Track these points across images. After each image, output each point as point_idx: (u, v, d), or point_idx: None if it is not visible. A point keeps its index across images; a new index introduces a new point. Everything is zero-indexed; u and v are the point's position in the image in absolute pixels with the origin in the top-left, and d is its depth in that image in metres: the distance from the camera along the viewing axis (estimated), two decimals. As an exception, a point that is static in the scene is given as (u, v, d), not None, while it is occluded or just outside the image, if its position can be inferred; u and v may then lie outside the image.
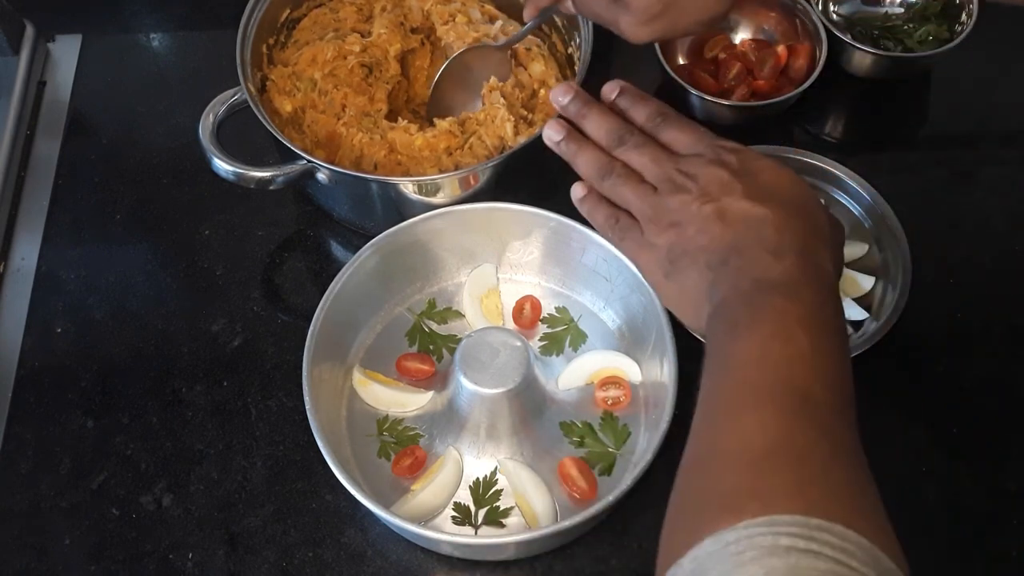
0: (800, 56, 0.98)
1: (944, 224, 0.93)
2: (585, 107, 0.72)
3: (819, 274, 0.61)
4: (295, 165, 0.84)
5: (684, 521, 0.53)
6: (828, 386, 0.55)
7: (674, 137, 0.69)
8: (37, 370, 0.88)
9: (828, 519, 0.47)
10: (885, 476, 0.80)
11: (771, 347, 0.56)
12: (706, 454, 0.55)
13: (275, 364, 0.87)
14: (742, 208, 0.63)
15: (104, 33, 1.09)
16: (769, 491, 0.50)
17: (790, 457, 0.51)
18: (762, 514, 0.47)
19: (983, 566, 0.77)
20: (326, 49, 0.93)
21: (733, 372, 0.57)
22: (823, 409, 0.54)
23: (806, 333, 0.56)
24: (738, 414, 0.55)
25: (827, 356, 0.56)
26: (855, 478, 0.52)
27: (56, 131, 1.01)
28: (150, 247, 0.95)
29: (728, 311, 0.60)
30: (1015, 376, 0.85)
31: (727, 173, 0.65)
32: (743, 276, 0.61)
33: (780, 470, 0.51)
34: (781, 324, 0.57)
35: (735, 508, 0.49)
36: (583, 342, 0.85)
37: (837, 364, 0.57)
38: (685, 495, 0.55)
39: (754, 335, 0.57)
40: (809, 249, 0.61)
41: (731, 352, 0.58)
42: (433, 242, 0.84)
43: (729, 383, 0.57)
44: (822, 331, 0.57)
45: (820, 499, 0.49)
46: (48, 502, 0.81)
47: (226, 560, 0.78)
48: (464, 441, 0.79)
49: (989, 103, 1.02)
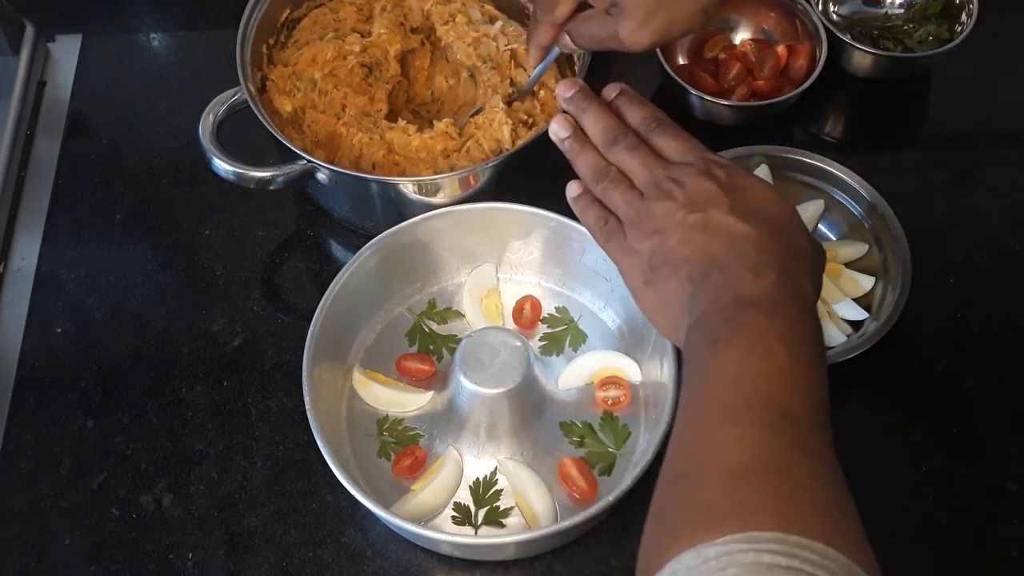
0: (800, 56, 0.98)
1: (944, 224, 0.93)
2: (585, 102, 0.72)
3: (798, 293, 0.61)
4: (295, 165, 0.84)
5: (662, 533, 0.53)
6: (807, 403, 0.55)
7: (666, 144, 0.69)
8: (37, 370, 0.88)
9: (808, 536, 0.47)
10: (885, 476, 0.81)
11: (751, 363, 0.56)
12: (686, 467, 0.55)
13: (275, 364, 0.87)
14: (726, 223, 0.63)
15: (104, 33, 1.09)
16: (749, 507, 0.50)
17: (769, 473, 0.51)
18: (742, 530, 0.47)
19: (983, 566, 0.77)
20: (326, 49, 0.93)
21: (713, 387, 0.57)
22: (802, 426, 0.54)
23: (785, 350, 0.57)
24: (718, 428, 0.55)
25: (806, 373, 0.57)
26: (834, 495, 0.52)
27: (56, 131, 1.01)
28: (150, 247, 0.95)
29: (708, 326, 0.60)
30: (1015, 376, 0.85)
31: (715, 186, 0.64)
32: (724, 291, 0.61)
33: (760, 486, 0.51)
34: (761, 340, 0.57)
35: (714, 523, 0.49)
36: (583, 342, 0.85)
37: (816, 382, 0.57)
38: (664, 507, 0.55)
39: (734, 351, 0.57)
40: (789, 269, 0.62)
41: (711, 367, 0.58)
42: (433, 242, 0.84)
43: (709, 397, 0.57)
44: (801, 348, 0.58)
45: (800, 516, 0.49)
46: (48, 502, 0.81)
47: (226, 560, 0.78)
48: (464, 441, 0.79)
49: (989, 103, 1.02)
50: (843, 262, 0.87)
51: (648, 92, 1.01)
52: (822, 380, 0.58)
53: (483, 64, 0.94)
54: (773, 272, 0.61)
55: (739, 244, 0.62)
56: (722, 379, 0.57)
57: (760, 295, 0.60)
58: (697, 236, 0.63)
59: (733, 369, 0.57)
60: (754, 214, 0.63)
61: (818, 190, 0.90)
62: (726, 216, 0.63)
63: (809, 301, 0.62)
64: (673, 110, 0.96)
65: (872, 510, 0.78)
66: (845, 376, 0.84)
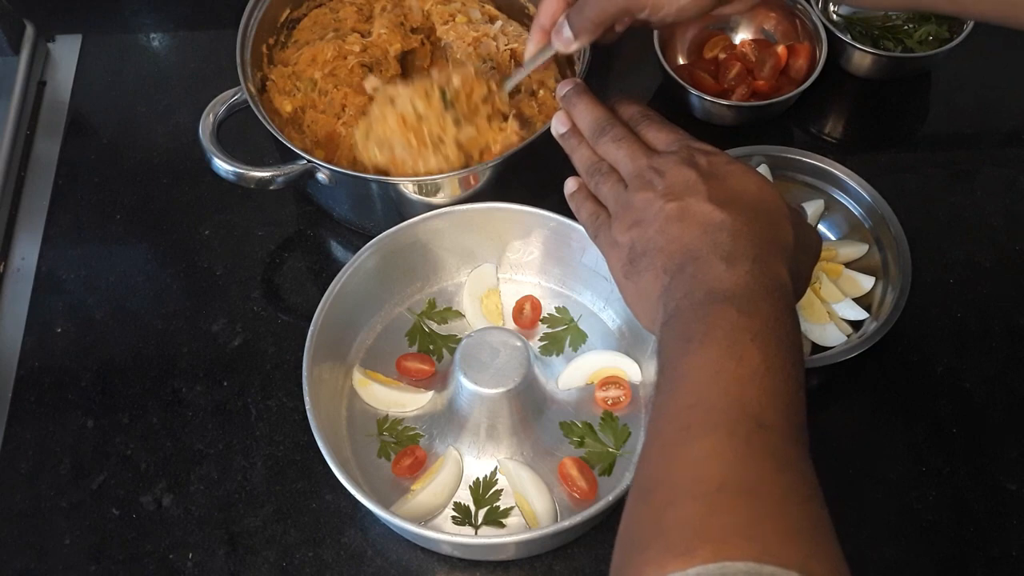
0: (800, 56, 0.98)
1: (944, 224, 0.93)
2: (576, 96, 0.72)
3: (775, 285, 0.59)
4: (295, 165, 0.84)
5: (633, 551, 0.51)
6: (782, 410, 0.53)
7: (653, 135, 0.69)
8: (37, 370, 0.88)
9: (783, 565, 0.45)
10: (885, 476, 0.81)
11: (724, 366, 0.55)
12: (655, 482, 0.53)
13: (275, 364, 0.87)
14: (703, 211, 0.61)
15: (104, 33, 1.09)
16: (720, 532, 0.48)
17: (742, 491, 0.50)
18: (714, 559, 0.46)
19: (983, 566, 0.77)
20: (326, 49, 0.93)
21: (685, 392, 0.55)
22: (776, 435, 0.52)
23: (760, 350, 0.55)
24: (689, 440, 0.53)
25: (781, 376, 0.55)
26: (810, 512, 0.50)
27: (56, 131, 1.01)
28: (150, 247, 0.95)
29: (681, 323, 0.59)
30: (1015, 376, 0.85)
31: (695, 174, 0.63)
32: (697, 285, 0.59)
33: (732, 508, 0.49)
34: (734, 340, 0.55)
35: (685, 550, 0.47)
36: (583, 342, 0.85)
37: (791, 385, 0.55)
38: (633, 524, 0.53)
39: (707, 351, 0.56)
40: (764, 257, 0.60)
41: (683, 370, 0.56)
42: (433, 242, 0.84)
43: (680, 403, 0.55)
44: (777, 348, 0.56)
45: (774, 541, 0.47)
46: (48, 502, 0.81)
47: (226, 560, 0.78)
48: (464, 441, 0.79)
49: (989, 103, 1.02)
50: (843, 262, 0.87)
51: (648, 92, 1.01)
52: (798, 382, 0.56)
53: (483, 64, 0.94)
54: (747, 261, 0.59)
55: (713, 232, 0.60)
56: (695, 383, 0.55)
57: (734, 288, 0.58)
58: (673, 226, 0.62)
59: (706, 372, 0.55)
60: (732, 201, 0.62)
61: (818, 190, 0.90)
62: (703, 204, 0.62)
63: (786, 292, 0.60)
64: (673, 110, 0.97)
65: (872, 510, 0.79)
66: (845, 376, 0.85)
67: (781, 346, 0.56)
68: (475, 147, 0.84)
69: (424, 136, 0.82)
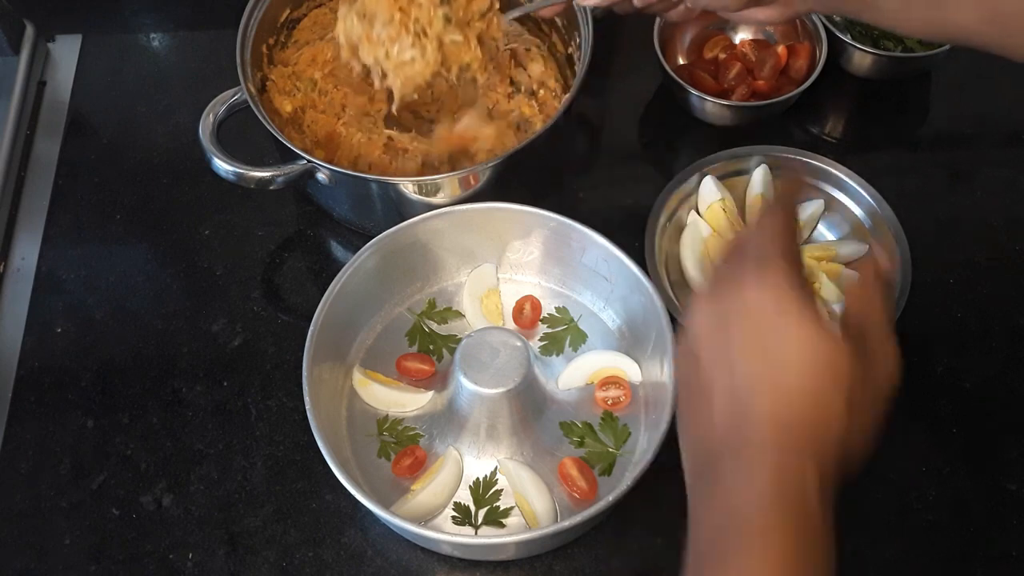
0: (800, 56, 0.98)
1: (944, 224, 0.93)
2: None
3: (798, 503, 0.50)
4: (295, 165, 0.84)
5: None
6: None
7: None
8: (37, 370, 0.88)
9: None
10: (885, 476, 0.81)
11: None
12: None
13: (275, 364, 0.87)
14: (728, 396, 0.53)
15: (104, 33, 1.09)
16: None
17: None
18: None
19: (983, 566, 0.77)
20: (326, 49, 0.93)
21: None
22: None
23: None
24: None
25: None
26: None
27: (56, 131, 1.01)
28: (150, 247, 0.95)
29: (699, 546, 0.52)
30: (1015, 376, 0.85)
31: (722, 336, 0.54)
32: (717, 502, 0.52)
33: None
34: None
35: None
36: (583, 342, 0.85)
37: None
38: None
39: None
40: (791, 465, 0.51)
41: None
42: (433, 242, 0.84)
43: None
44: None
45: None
46: (48, 502, 0.81)
47: (226, 560, 0.78)
48: (464, 441, 0.79)
49: (989, 103, 1.02)
50: (843, 262, 0.87)
51: (648, 92, 1.01)
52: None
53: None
54: (767, 470, 0.50)
55: (735, 432, 0.52)
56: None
57: (752, 514, 0.50)
58: (699, 409, 0.54)
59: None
60: (764, 380, 0.52)
61: (818, 190, 0.90)
62: (729, 379, 0.53)
63: (813, 514, 0.50)
64: (673, 110, 0.97)
65: (872, 510, 0.79)
66: (845, 376, 0.85)
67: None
68: (454, 58, 0.81)
69: (410, 20, 0.78)
